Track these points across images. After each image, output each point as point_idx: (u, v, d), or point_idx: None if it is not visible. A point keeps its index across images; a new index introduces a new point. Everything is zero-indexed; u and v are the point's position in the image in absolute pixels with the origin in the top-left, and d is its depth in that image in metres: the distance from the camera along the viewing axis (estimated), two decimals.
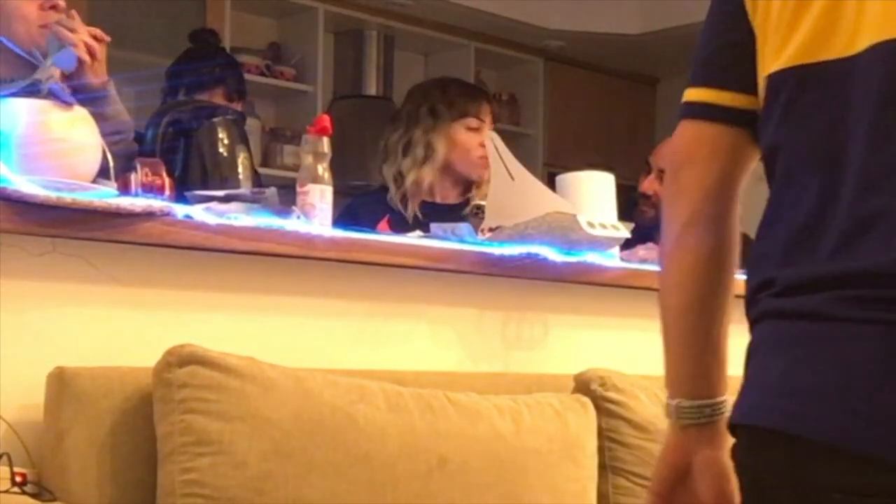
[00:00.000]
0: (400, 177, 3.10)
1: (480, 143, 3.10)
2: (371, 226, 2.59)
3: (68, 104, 1.90)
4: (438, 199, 3.12)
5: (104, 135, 2.01)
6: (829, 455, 1.11)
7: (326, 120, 2.26)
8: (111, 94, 2.40)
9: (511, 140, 4.05)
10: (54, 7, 2.36)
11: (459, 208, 3.04)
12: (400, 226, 2.80)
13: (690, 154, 1.34)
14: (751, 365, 1.24)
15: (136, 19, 4.79)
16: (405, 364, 2.21)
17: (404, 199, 3.09)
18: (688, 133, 1.35)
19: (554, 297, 2.47)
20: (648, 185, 3.65)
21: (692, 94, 1.35)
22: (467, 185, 3.15)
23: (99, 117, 2.05)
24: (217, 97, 3.45)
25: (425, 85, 3.38)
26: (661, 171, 3.62)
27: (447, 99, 3.16)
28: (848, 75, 1.19)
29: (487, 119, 3.16)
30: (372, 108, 5.60)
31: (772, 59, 1.26)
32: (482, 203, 2.63)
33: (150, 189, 2.06)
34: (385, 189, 3.14)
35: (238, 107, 3.44)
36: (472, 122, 3.13)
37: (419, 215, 3.02)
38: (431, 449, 1.95)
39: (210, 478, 1.75)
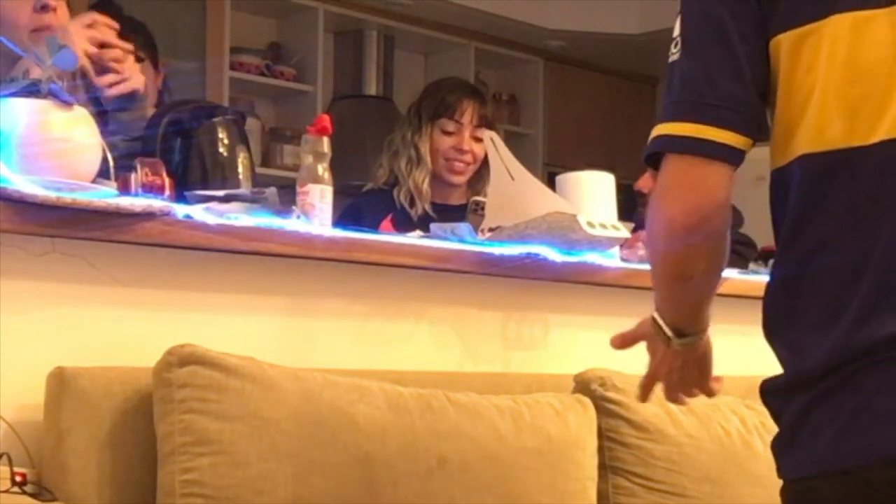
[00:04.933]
0: (402, 177, 3.10)
1: (454, 146, 3.09)
2: (374, 224, 2.59)
3: (68, 104, 1.90)
4: (438, 200, 3.11)
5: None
6: None
7: (326, 120, 2.26)
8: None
9: (511, 140, 4.04)
10: (45, 8, 2.34)
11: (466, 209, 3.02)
12: (404, 224, 2.80)
13: (721, 198, 1.40)
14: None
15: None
16: (405, 364, 2.21)
17: (410, 198, 3.09)
18: (721, 176, 1.40)
19: (554, 297, 2.46)
20: (644, 182, 3.64)
21: (724, 137, 1.37)
22: (466, 187, 3.14)
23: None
24: None
25: (427, 85, 3.38)
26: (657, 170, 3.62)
27: (430, 100, 3.16)
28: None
29: (467, 120, 3.10)
30: (372, 108, 5.60)
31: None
32: (481, 199, 2.63)
33: (150, 189, 2.05)
34: (389, 187, 3.14)
35: (152, 68, 3.25)
36: (447, 124, 3.10)
37: (432, 214, 3.01)
38: (431, 449, 1.95)
39: (210, 478, 1.75)
